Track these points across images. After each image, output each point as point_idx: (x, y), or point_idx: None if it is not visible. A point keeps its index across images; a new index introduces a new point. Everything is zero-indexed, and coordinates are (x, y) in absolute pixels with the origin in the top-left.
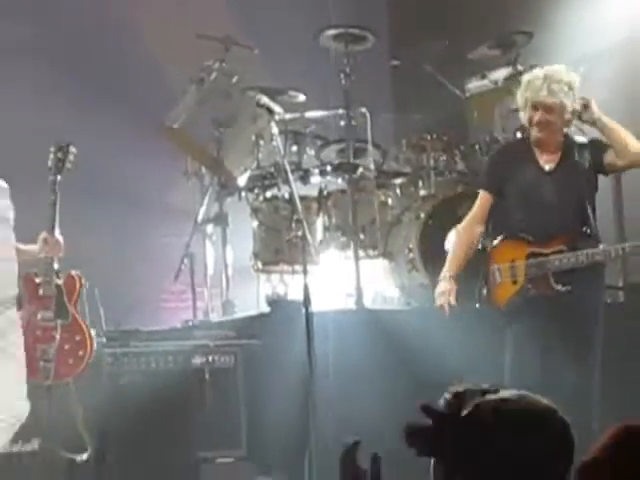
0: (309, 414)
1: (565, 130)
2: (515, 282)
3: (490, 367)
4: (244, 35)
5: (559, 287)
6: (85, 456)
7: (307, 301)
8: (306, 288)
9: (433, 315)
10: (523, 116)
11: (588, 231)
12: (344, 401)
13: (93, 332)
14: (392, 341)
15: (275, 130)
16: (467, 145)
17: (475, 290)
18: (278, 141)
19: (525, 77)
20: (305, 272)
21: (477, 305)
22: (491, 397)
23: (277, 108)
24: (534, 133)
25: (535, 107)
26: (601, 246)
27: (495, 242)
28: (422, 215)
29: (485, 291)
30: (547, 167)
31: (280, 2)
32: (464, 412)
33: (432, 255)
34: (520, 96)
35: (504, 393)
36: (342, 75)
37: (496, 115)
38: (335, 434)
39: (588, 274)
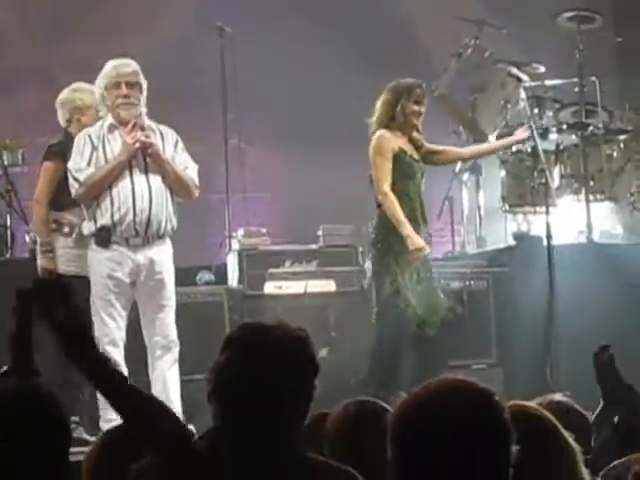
0: (549, 330)
1: None
2: None
3: None
4: (494, 17)
5: None
6: None
7: (549, 236)
8: (548, 225)
9: None
10: None
11: None
12: (576, 319)
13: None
14: (616, 269)
15: (523, 95)
16: None
17: None
18: (525, 104)
19: None
20: (547, 212)
21: None
22: None
23: (524, 77)
24: None
25: None
26: None
27: None
28: None
29: None
30: None
31: None
32: None
33: None
34: None
35: None
36: (575, 50)
37: None
38: (570, 347)
39: None
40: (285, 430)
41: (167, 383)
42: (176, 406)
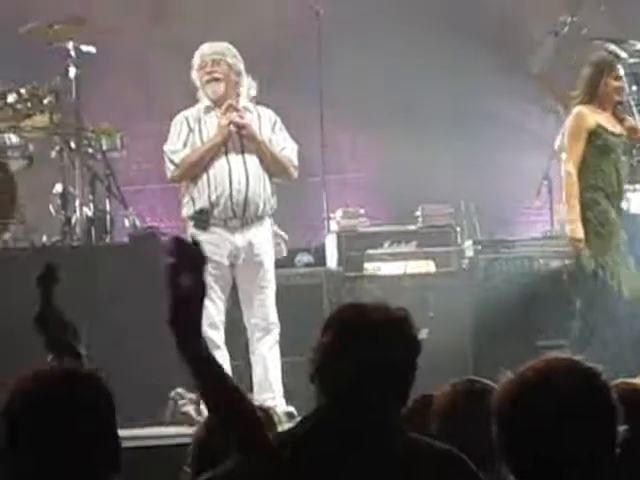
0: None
1: None
2: None
3: None
4: None
5: None
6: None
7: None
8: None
9: None
10: None
11: None
12: None
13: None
14: None
15: (622, 72)
16: None
17: None
18: (624, 80)
19: None
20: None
21: None
22: None
23: (623, 54)
24: None
25: None
26: None
27: None
28: None
29: None
30: None
31: None
32: None
33: None
34: None
35: None
36: None
37: None
38: None
39: None
40: (388, 410)
41: (268, 365)
42: (277, 388)
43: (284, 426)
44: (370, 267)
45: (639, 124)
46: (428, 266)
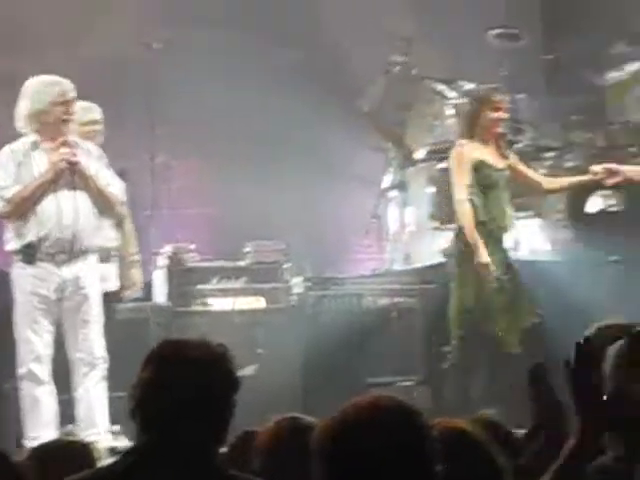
0: None
1: None
2: None
3: None
4: (423, 34)
5: None
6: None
7: None
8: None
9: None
10: None
11: None
12: None
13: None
14: (542, 285)
15: (448, 112)
16: (606, 124)
17: None
18: (451, 121)
19: None
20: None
21: None
22: None
23: (450, 94)
24: None
25: None
26: None
27: None
28: None
29: None
30: None
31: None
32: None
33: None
34: None
35: None
36: (503, 67)
37: (627, 100)
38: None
39: None
40: (207, 446)
41: (92, 401)
42: (101, 424)
43: (106, 462)
44: (200, 302)
45: (562, 182)
46: (258, 302)
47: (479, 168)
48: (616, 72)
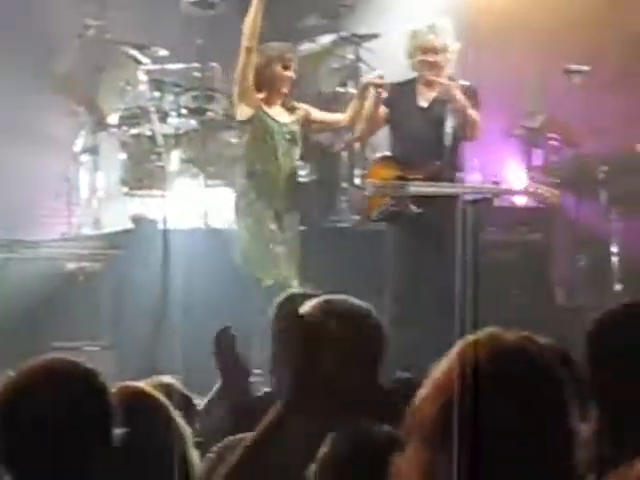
0: (163, 314)
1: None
2: (383, 197)
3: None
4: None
5: (414, 208)
6: None
7: (165, 220)
8: (164, 209)
9: None
10: (411, 62)
11: (444, 166)
12: (192, 304)
13: None
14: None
15: (141, 77)
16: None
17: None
18: (144, 87)
19: (409, 30)
20: (163, 196)
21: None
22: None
23: (143, 59)
24: (423, 73)
25: (424, 51)
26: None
27: (375, 160)
28: None
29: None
30: (423, 104)
31: None
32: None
33: None
34: (409, 45)
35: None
36: (198, 35)
37: (322, 72)
38: (184, 331)
39: (441, 202)
40: None
41: None
42: None
43: None
44: None
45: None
46: None
47: (259, 116)
48: (309, 44)
